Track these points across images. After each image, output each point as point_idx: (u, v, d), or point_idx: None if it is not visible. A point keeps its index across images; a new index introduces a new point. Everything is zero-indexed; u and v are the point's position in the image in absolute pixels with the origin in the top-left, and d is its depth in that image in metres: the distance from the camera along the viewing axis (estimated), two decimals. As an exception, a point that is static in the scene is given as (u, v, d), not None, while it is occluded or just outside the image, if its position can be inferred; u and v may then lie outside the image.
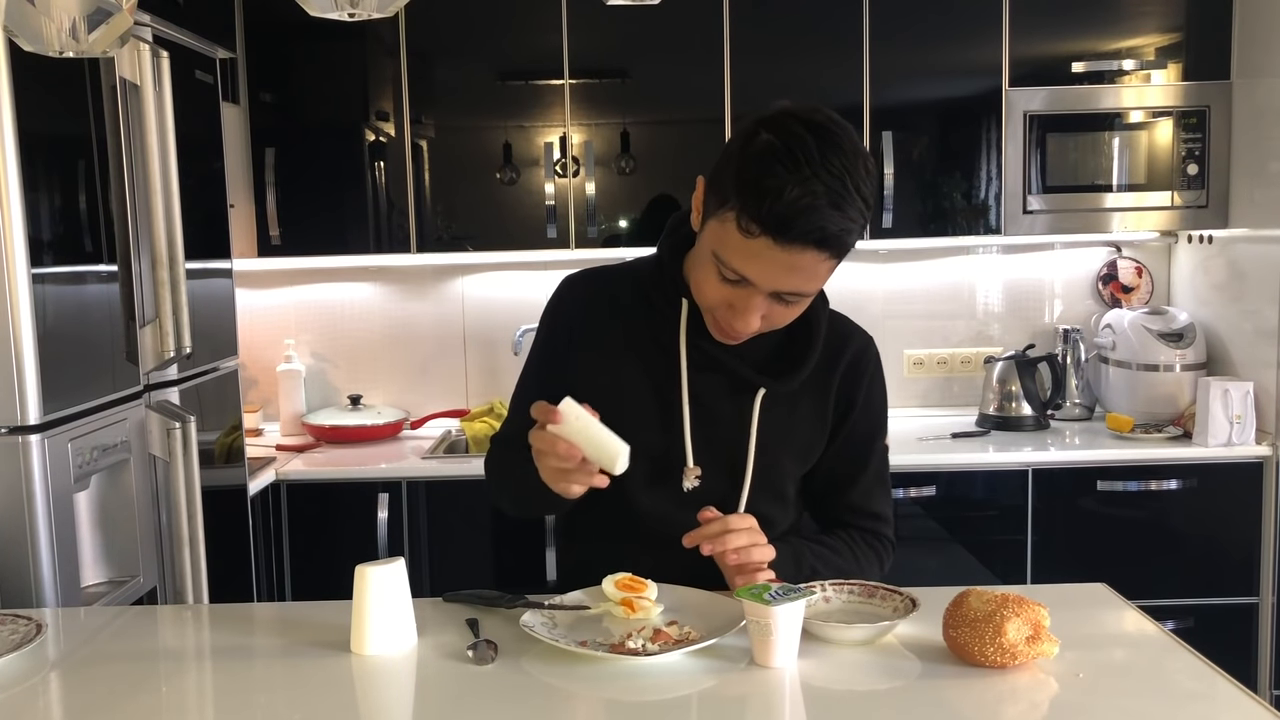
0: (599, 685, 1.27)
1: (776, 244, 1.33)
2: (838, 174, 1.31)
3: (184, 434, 2.24)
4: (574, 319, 1.62)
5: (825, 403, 1.60)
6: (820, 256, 1.35)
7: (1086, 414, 3.41)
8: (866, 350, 1.64)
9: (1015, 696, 1.23)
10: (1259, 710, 1.18)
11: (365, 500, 2.98)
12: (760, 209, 1.31)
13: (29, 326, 1.85)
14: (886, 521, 1.68)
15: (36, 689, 1.32)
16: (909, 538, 3.06)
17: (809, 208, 1.30)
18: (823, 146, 1.32)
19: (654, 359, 1.56)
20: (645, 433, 1.53)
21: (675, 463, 1.55)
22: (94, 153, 2.09)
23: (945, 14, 3.14)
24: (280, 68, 3.19)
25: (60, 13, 1.41)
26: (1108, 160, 3.18)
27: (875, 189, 1.38)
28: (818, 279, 1.40)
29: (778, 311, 1.43)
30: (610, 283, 1.65)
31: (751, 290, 1.39)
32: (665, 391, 1.55)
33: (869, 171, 1.36)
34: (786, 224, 1.31)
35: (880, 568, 1.65)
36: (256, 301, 3.53)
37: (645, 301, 1.57)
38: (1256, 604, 3.01)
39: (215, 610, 1.69)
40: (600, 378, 1.57)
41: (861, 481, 1.64)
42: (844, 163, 1.32)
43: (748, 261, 1.36)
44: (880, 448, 1.66)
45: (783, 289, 1.39)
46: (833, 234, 1.33)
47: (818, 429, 1.61)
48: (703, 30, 3.11)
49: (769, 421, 1.56)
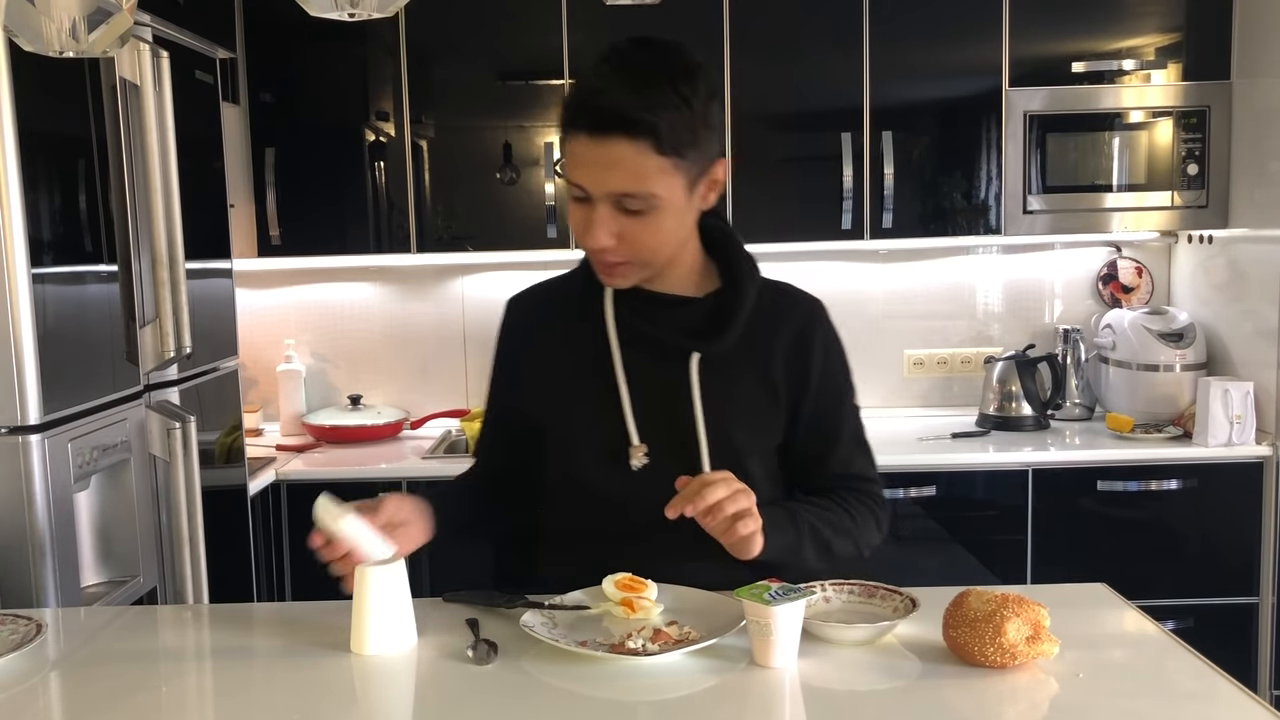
0: (599, 685, 1.27)
1: (589, 138, 1.38)
2: (644, 66, 1.38)
3: (184, 434, 2.24)
4: (518, 337, 1.67)
5: (771, 373, 1.57)
6: (634, 146, 1.38)
7: (1086, 414, 3.41)
8: (814, 317, 1.62)
9: (1015, 696, 1.23)
10: (1259, 710, 1.18)
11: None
12: (568, 106, 1.40)
13: (29, 326, 1.85)
14: (873, 481, 1.66)
15: (36, 689, 1.32)
16: (909, 538, 3.06)
17: (600, 90, 1.38)
18: (633, 46, 1.41)
19: (590, 348, 1.57)
20: (593, 422, 1.55)
21: (624, 444, 1.55)
22: (94, 153, 2.09)
23: (945, 14, 3.14)
24: (280, 68, 3.19)
25: (60, 13, 1.41)
26: (1108, 160, 3.18)
27: (707, 94, 1.42)
28: (645, 176, 1.40)
29: (629, 227, 1.44)
30: (547, 292, 1.69)
31: (590, 202, 1.43)
32: (604, 376, 1.56)
33: (695, 76, 1.41)
34: (583, 110, 1.38)
35: (878, 525, 1.64)
36: (256, 301, 3.53)
37: (579, 297, 1.60)
38: (1256, 604, 3.01)
39: (215, 610, 1.70)
40: (545, 384, 1.60)
41: (839, 449, 1.63)
42: (649, 58, 1.40)
43: (576, 168, 1.42)
44: (850, 410, 1.65)
45: (612, 189, 1.41)
46: (634, 117, 1.36)
47: (768, 401, 1.58)
48: (703, 30, 3.10)
49: (711, 391, 1.54)
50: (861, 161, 3.16)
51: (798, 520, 1.51)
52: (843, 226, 3.17)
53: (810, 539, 1.52)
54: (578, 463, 1.58)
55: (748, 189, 3.14)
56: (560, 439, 1.60)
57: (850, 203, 3.16)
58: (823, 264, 3.53)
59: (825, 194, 3.17)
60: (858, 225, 3.18)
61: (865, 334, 3.56)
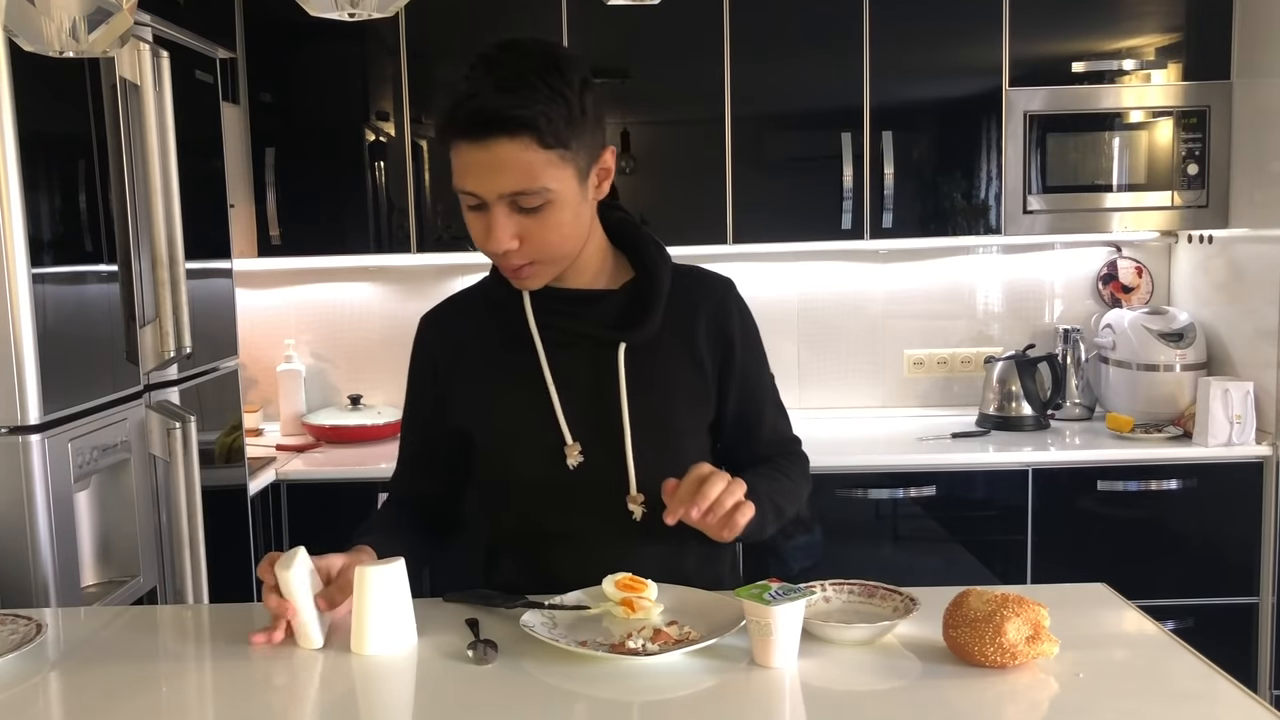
0: (599, 685, 1.27)
1: (471, 144, 1.38)
2: (511, 65, 1.39)
3: (184, 434, 2.24)
4: (434, 355, 1.65)
5: (695, 346, 1.59)
6: (516, 144, 1.37)
7: (1086, 414, 3.41)
8: (729, 290, 1.65)
9: (1015, 696, 1.23)
10: (1259, 710, 1.18)
11: (365, 500, 2.98)
12: (445, 121, 1.39)
13: (29, 326, 1.85)
14: (797, 440, 1.73)
15: (36, 689, 1.32)
16: (909, 538, 3.06)
17: (472, 94, 1.37)
18: (504, 51, 1.41)
19: (514, 355, 1.57)
20: (526, 429, 1.55)
21: (559, 444, 1.55)
22: (94, 153, 2.09)
23: (945, 14, 3.14)
24: (280, 68, 3.19)
25: (60, 13, 1.41)
26: (1108, 160, 3.18)
27: (581, 84, 1.42)
28: (533, 171, 1.39)
29: (528, 226, 1.43)
30: (461, 306, 1.68)
31: (486, 208, 1.42)
32: (533, 381, 1.55)
33: (564, 68, 1.40)
34: (459, 116, 1.37)
35: (807, 480, 1.69)
36: (256, 301, 3.53)
37: (494, 305, 1.60)
38: (1256, 604, 3.01)
39: (215, 610, 1.70)
40: (473, 396, 1.59)
41: (766, 416, 1.67)
42: (520, 57, 1.40)
43: (464, 177, 1.41)
44: (769, 377, 1.69)
45: (503, 189, 1.40)
46: (509, 114, 1.36)
47: (697, 378, 1.60)
48: (703, 30, 3.11)
49: (641, 378, 1.55)
50: (861, 161, 3.16)
51: (758, 494, 1.50)
52: (843, 226, 3.17)
53: (770, 510, 1.54)
54: (515, 469, 1.58)
55: (748, 189, 3.14)
56: (496, 448, 1.60)
57: (850, 203, 3.16)
58: (823, 264, 3.53)
59: (825, 194, 3.17)
60: (858, 225, 3.18)
61: (865, 334, 3.56)
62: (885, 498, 3.01)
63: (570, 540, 1.57)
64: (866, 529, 3.05)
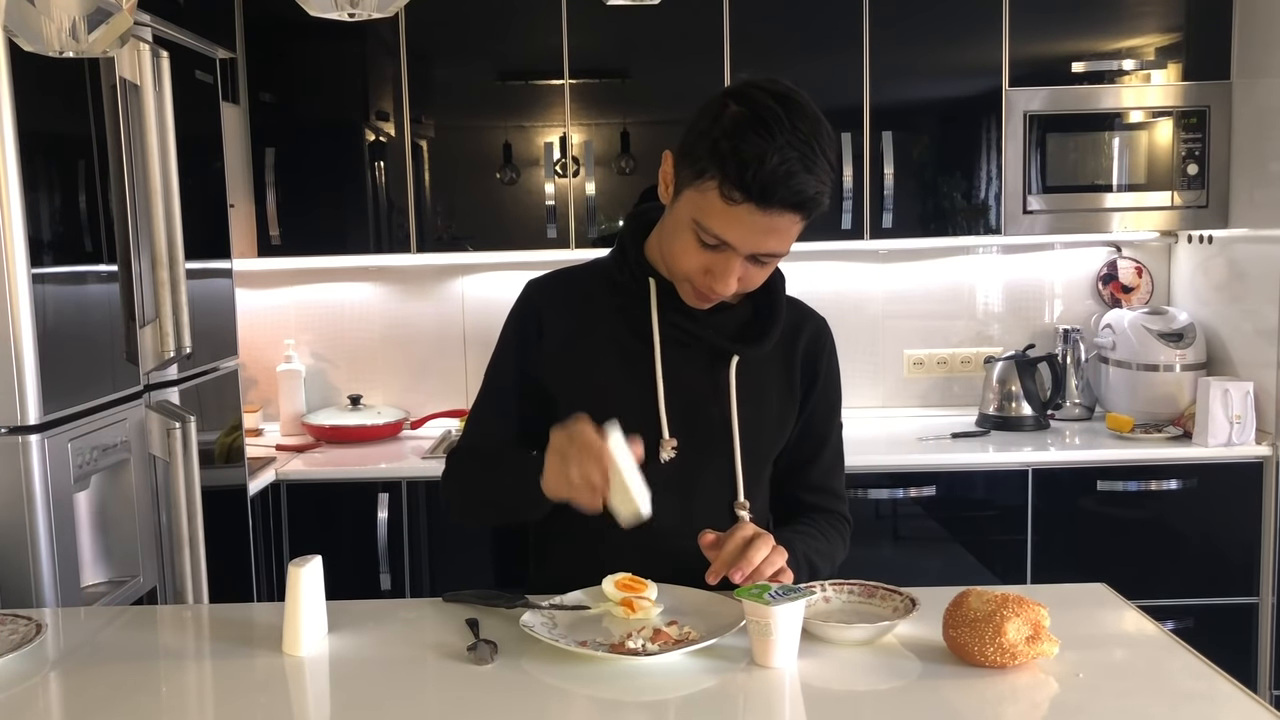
0: (599, 685, 1.27)
1: (759, 209, 1.41)
2: (805, 138, 1.41)
3: (184, 434, 2.24)
4: (541, 321, 1.65)
5: (791, 373, 1.65)
6: (796, 218, 1.44)
7: (1086, 414, 3.41)
8: (824, 328, 1.73)
9: (1015, 696, 1.23)
10: (1259, 710, 1.18)
11: (365, 500, 2.98)
12: (743, 177, 1.39)
13: (29, 326, 1.85)
14: (844, 500, 1.74)
15: (36, 689, 1.32)
16: (909, 538, 3.06)
17: (788, 173, 1.39)
18: (790, 113, 1.41)
19: (626, 342, 1.60)
20: (623, 411, 1.53)
21: (653, 436, 1.56)
22: (94, 153, 2.09)
23: (945, 14, 3.14)
24: (280, 68, 3.19)
25: (60, 13, 1.41)
26: (1107, 160, 3.18)
27: (837, 153, 1.50)
28: (791, 239, 1.48)
29: (752, 273, 1.50)
30: (575, 280, 1.70)
31: (730, 254, 1.46)
32: (640, 371, 1.58)
33: (830, 136, 1.45)
34: (769, 190, 1.39)
35: (845, 545, 1.71)
36: (256, 301, 3.53)
37: (613, 289, 1.62)
38: (1256, 604, 3.01)
39: (215, 610, 1.70)
40: (573, 374, 1.61)
41: (824, 457, 1.70)
42: (809, 127, 1.42)
43: (729, 227, 1.43)
44: (839, 424, 1.73)
45: (760, 251, 1.46)
46: (809, 197, 1.42)
47: (787, 399, 1.65)
48: (703, 30, 3.11)
49: (743, 390, 1.60)
50: (861, 161, 3.16)
51: (794, 552, 1.53)
52: (843, 226, 3.17)
53: (805, 570, 1.57)
54: None
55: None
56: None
57: (850, 202, 3.16)
58: (823, 264, 3.53)
59: (825, 194, 3.16)
60: (858, 225, 3.18)
61: (865, 334, 3.56)
62: (885, 498, 3.01)
63: (633, 535, 1.51)
64: (866, 529, 3.04)
